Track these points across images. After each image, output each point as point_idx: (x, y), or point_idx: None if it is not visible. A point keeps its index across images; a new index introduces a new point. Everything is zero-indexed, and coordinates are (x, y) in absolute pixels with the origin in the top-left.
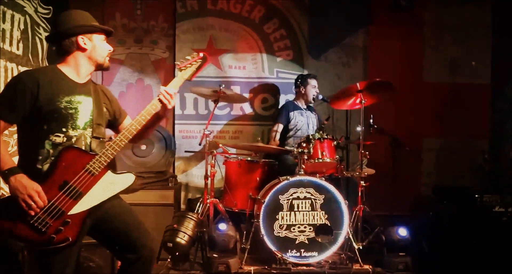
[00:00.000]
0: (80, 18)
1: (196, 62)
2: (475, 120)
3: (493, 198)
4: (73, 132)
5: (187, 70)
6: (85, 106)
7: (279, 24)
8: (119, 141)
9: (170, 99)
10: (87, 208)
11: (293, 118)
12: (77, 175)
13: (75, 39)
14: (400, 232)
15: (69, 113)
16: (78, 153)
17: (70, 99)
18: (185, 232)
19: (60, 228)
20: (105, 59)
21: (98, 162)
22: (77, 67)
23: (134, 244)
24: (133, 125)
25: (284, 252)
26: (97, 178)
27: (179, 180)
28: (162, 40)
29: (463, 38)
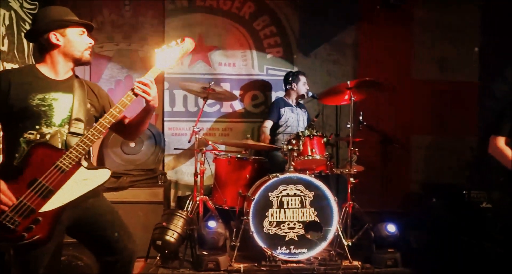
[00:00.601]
0: (53, 14)
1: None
2: (463, 118)
3: (480, 194)
4: (47, 129)
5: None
6: (62, 103)
7: (269, 21)
8: (92, 135)
9: (148, 89)
10: (59, 205)
11: (284, 115)
12: (46, 172)
13: (47, 36)
14: (389, 228)
15: (41, 111)
16: (47, 150)
17: (43, 96)
18: (174, 230)
19: (31, 226)
20: (82, 53)
21: (68, 158)
22: (53, 65)
23: (112, 246)
24: (106, 118)
25: (274, 249)
26: (69, 174)
27: (169, 178)
28: (151, 37)
29: (452, 36)
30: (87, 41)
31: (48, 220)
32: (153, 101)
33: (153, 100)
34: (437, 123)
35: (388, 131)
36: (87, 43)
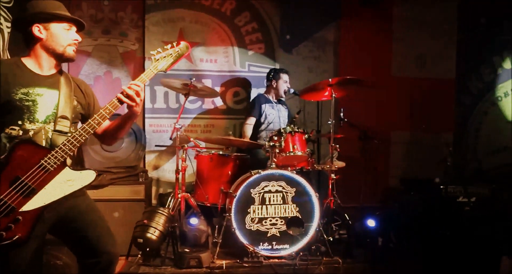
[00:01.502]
0: (41, 6)
1: (175, 51)
2: (441, 114)
3: (457, 188)
4: (30, 125)
5: (161, 62)
6: (47, 99)
7: (251, 17)
8: (79, 135)
9: (135, 97)
10: (40, 205)
11: (265, 111)
12: (30, 170)
13: (30, 28)
14: (369, 223)
15: (25, 106)
16: (32, 148)
17: (27, 91)
18: (155, 227)
19: (10, 225)
20: (65, 49)
21: (53, 158)
22: (37, 59)
23: (94, 248)
24: (95, 119)
25: (256, 245)
26: (53, 174)
27: (150, 175)
28: (131, 32)
29: (430, 33)
30: (71, 36)
31: (28, 220)
32: (137, 108)
33: (137, 107)
34: (416, 119)
35: (369, 128)
36: (71, 38)
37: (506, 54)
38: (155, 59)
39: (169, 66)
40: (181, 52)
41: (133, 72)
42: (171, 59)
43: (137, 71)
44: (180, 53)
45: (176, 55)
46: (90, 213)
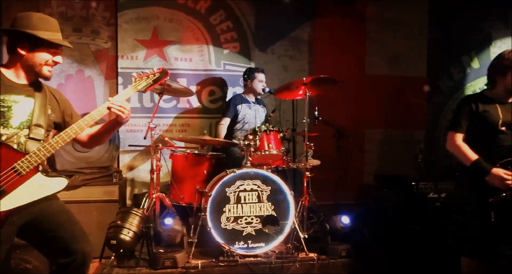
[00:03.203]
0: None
1: (154, 75)
2: (413, 112)
3: (428, 185)
4: (4, 130)
5: (141, 82)
6: (22, 106)
7: (226, 16)
8: (55, 142)
9: (123, 109)
10: (8, 208)
11: (241, 112)
12: (1, 172)
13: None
14: (343, 220)
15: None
16: (7, 150)
17: (3, 98)
18: (129, 228)
19: None
20: (41, 68)
21: (27, 162)
22: (16, 69)
23: (66, 248)
24: (73, 129)
25: (232, 244)
26: (25, 178)
27: (124, 175)
28: (103, 30)
29: (402, 33)
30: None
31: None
32: (127, 118)
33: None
34: (389, 117)
35: (343, 126)
36: (51, 59)
37: (474, 54)
38: (135, 80)
39: (148, 87)
40: (160, 77)
41: (105, 70)
42: (150, 81)
43: (110, 69)
44: (159, 77)
45: (156, 78)
46: (61, 214)
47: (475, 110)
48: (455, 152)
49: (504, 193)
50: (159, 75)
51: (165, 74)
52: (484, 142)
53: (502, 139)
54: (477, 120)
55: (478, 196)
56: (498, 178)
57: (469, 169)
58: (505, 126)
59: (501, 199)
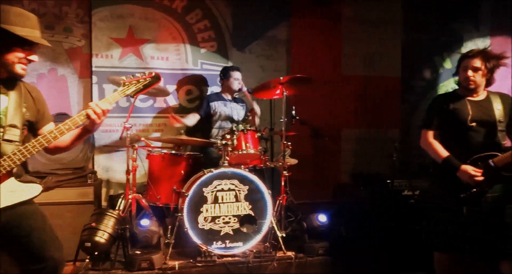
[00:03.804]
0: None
1: (145, 80)
2: (388, 111)
3: (402, 182)
4: None
5: (130, 87)
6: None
7: (202, 15)
8: (32, 147)
9: (101, 116)
10: None
11: (215, 109)
12: None
13: None
14: (320, 219)
15: None
16: None
17: None
18: (104, 230)
19: None
20: (14, 66)
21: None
22: None
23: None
24: (52, 133)
25: (209, 244)
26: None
27: (100, 176)
28: (76, 28)
29: (377, 34)
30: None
31: None
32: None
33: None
34: (365, 116)
35: (320, 125)
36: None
37: (447, 55)
38: (124, 84)
39: (138, 92)
40: (152, 82)
41: (79, 69)
42: (140, 86)
43: (84, 68)
44: (150, 82)
45: (147, 83)
46: (33, 219)
47: (446, 108)
48: (427, 149)
49: (474, 189)
50: (151, 80)
51: (157, 79)
52: (455, 139)
53: (472, 135)
54: (448, 118)
55: (450, 192)
56: (467, 174)
57: (441, 165)
58: (475, 122)
59: (472, 194)
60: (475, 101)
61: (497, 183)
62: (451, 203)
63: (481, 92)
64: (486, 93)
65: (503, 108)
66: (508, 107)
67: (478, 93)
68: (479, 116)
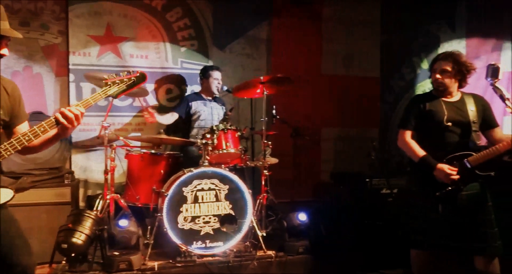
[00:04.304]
0: None
1: (129, 79)
2: (367, 111)
3: (381, 181)
4: None
5: (113, 87)
6: None
7: (183, 13)
8: (4, 150)
9: (74, 121)
10: None
11: (194, 109)
12: None
13: None
14: (300, 217)
15: None
16: None
17: None
18: (81, 231)
19: None
20: None
21: None
22: None
23: (5, 261)
24: (26, 135)
25: (189, 244)
26: None
27: (77, 176)
28: (53, 24)
29: (356, 34)
30: None
31: None
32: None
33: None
34: (344, 116)
35: (300, 124)
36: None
37: (424, 56)
38: (106, 84)
39: (121, 93)
40: (136, 82)
41: (56, 67)
42: (124, 87)
43: (60, 66)
44: (135, 82)
45: (131, 83)
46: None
47: (423, 108)
48: (405, 148)
49: (450, 187)
50: (135, 80)
51: (142, 79)
52: (432, 139)
53: (448, 135)
54: (424, 118)
55: (426, 190)
56: (443, 173)
57: (418, 164)
58: (450, 122)
59: (447, 193)
60: (450, 102)
61: (472, 181)
62: (427, 201)
63: (455, 94)
64: (460, 95)
65: (477, 109)
66: (481, 108)
67: (452, 95)
68: (454, 117)
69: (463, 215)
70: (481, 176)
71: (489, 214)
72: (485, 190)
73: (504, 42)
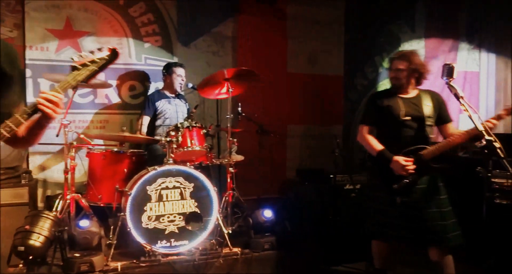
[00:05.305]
0: None
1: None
2: (331, 108)
3: (344, 177)
4: None
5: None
6: None
7: (146, 8)
8: None
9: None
10: None
11: (160, 108)
12: None
13: None
14: (266, 214)
15: None
16: None
17: None
18: (39, 233)
19: None
20: None
21: None
22: None
23: None
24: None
25: (154, 244)
26: None
27: (35, 176)
28: (8, 17)
29: (320, 33)
30: None
31: None
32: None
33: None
34: (309, 113)
35: (266, 122)
36: None
37: (386, 55)
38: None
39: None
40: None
41: None
42: (95, 68)
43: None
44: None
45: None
46: None
47: (381, 105)
48: (363, 143)
49: (406, 180)
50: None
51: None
52: (389, 133)
53: (404, 130)
54: (382, 114)
55: (385, 184)
56: (399, 165)
57: (376, 158)
58: (406, 117)
59: (404, 185)
60: (407, 99)
61: (426, 173)
62: (386, 194)
63: (412, 90)
64: (417, 91)
65: (433, 105)
66: (437, 104)
67: (409, 91)
68: (410, 112)
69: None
70: (435, 168)
71: (442, 207)
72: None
73: (460, 43)
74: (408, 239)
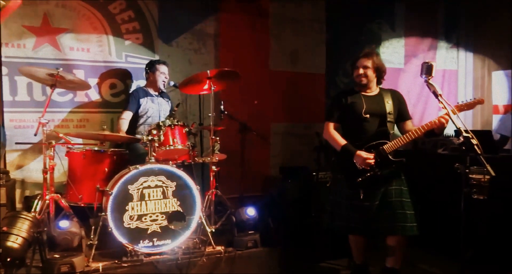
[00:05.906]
0: None
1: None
2: (313, 106)
3: (326, 174)
4: None
5: None
6: None
7: (127, 5)
8: None
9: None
10: None
11: (143, 105)
12: None
13: None
14: (249, 212)
15: None
16: None
17: None
18: (18, 234)
19: None
20: None
21: None
22: None
23: None
24: None
25: (136, 244)
26: None
27: (13, 176)
28: None
29: (302, 32)
30: None
31: None
32: None
33: None
34: (291, 111)
35: (249, 120)
36: None
37: None
38: None
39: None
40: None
41: None
42: None
43: None
44: None
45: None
46: None
47: (345, 102)
48: (329, 139)
49: (368, 173)
50: None
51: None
52: (352, 129)
53: (366, 126)
54: (346, 110)
55: (349, 178)
56: (361, 158)
57: (341, 153)
58: (368, 114)
59: (367, 178)
60: (369, 96)
61: (387, 167)
62: (349, 188)
63: (374, 89)
64: (378, 90)
65: (393, 102)
66: (397, 102)
67: (371, 89)
68: (372, 109)
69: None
70: (395, 162)
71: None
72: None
73: (439, 42)
74: (371, 230)
